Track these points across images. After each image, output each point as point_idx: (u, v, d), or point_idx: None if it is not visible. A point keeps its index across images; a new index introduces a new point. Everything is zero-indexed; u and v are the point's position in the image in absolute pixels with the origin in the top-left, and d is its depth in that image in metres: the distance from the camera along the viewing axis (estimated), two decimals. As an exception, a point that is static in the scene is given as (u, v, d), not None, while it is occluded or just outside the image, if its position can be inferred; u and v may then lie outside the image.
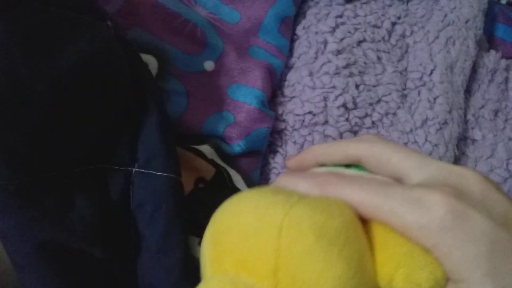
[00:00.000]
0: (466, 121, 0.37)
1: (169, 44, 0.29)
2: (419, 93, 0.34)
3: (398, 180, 0.20)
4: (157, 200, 0.24)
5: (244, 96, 0.30)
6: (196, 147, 0.27)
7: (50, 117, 0.20)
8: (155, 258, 0.24)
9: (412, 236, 0.17)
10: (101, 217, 0.23)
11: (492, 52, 0.41)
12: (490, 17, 0.44)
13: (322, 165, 0.23)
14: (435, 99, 0.34)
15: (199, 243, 0.26)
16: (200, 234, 0.26)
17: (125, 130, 0.23)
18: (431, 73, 0.35)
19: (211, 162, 0.28)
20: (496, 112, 0.39)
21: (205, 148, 0.28)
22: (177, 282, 0.24)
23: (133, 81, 0.23)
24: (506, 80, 0.41)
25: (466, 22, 0.39)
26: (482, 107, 0.38)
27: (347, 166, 0.22)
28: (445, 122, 0.33)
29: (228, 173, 0.28)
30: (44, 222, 0.20)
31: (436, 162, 0.20)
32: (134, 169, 0.24)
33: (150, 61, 0.28)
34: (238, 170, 0.28)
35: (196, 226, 0.26)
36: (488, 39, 0.44)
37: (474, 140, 0.36)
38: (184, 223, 0.24)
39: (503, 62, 0.41)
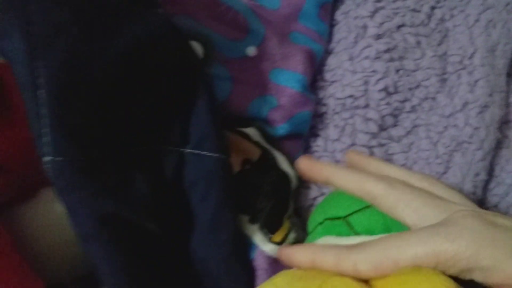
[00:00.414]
0: (508, 104, 0.36)
1: (212, 31, 0.30)
2: (459, 76, 0.34)
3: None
4: (209, 179, 0.25)
5: (286, 80, 0.31)
6: (242, 129, 0.28)
7: (108, 95, 0.22)
8: (207, 235, 0.25)
9: (449, 257, 0.18)
10: (156, 194, 0.24)
11: (534, 35, 0.41)
12: (531, 0, 0.44)
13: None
14: (475, 82, 0.33)
15: (248, 221, 0.27)
16: (248, 212, 0.27)
17: (177, 112, 0.25)
18: (472, 56, 0.35)
19: (257, 144, 0.28)
20: (538, 96, 0.38)
21: (251, 131, 0.29)
22: (227, 257, 0.26)
23: (185, 65, 0.24)
24: (549, 63, 0.40)
25: (507, 5, 0.38)
26: (524, 91, 0.38)
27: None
28: (486, 105, 0.32)
29: (272, 154, 0.29)
30: (106, 196, 0.22)
31: (453, 206, 0.21)
32: (187, 150, 0.25)
33: (196, 47, 0.29)
34: (283, 152, 0.29)
35: (245, 205, 0.27)
36: (529, 23, 0.43)
37: (516, 124, 0.36)
38: (234, 202, 0.26)
39: (545, 46, 0.41)
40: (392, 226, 0.24)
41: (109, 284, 0.22)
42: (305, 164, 0.26)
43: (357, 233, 0.24)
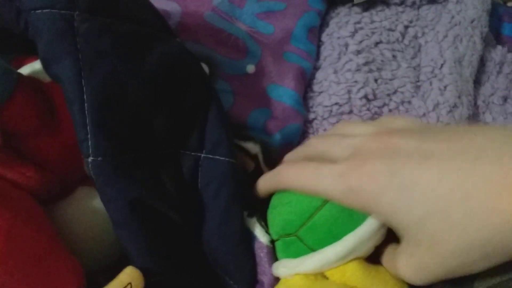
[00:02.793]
0: (477, 107, 0.41)
1: (217, 53, 0.36)
2: (431, 83, 0.39)
3: None
4: (221, 180, 0.29)
5: (281, 96, 0.36)
6: (241, 144, 0.33)
7: (139, 108, 0.26)
8: (218, 227, 0.29)
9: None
10: (178, 190, 0.28)
11: (499, 47, 0.46)
12: (496, 18, 0.49)
13: None
14: (445, 87, 0.39)
15: (247, 215, 0.31)
16: (246, 209, 0.31)
17: (194, 122, 0.29)
18: (441, 66, 0.40)
19: (255, 157, 0.33)
20: (505, 99, 0.43)
21: (249, 145, 0.33)
22: (236, 246, 0.29)
23: (200, 80, 0.29)
24: (514, 71, 0.45)
25: (472, 21, 0.44)
26: (492, 94, 0.43)
27: None
28: (455, 105, 0.37)
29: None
30: (135, 189, 0.26)
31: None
32: (202, 155, 0.29)
33: (203, 67, 0.35)
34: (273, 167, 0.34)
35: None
36: (495, 37, 0.49)
37: (485, 123, 0.41)
38: (241, 200, 0.29)
39: (510, 56, 0.46)
40: (337, 232, 0.25)
41: (135, 263, 0.26)
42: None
43: (309, 247, 0.26)
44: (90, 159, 0.25)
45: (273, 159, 0.35)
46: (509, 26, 0.50)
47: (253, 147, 0.34)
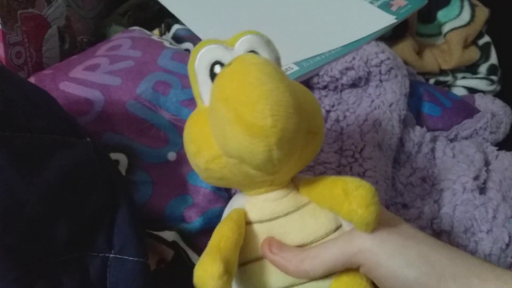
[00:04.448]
0: (395, 189, 0.43)
1: (137, 143, 0.36)
2: (351, 168, 0.41)
3: None
4: (130, 281, 0.29)
5: (201, 181, 0.36)
6: (157, 233, 0.33)
7: (41, 219, 0.26)
8: None
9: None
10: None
11: (418, 127, 0.49)
12: (416, 97, 0.53)
13: None
14: (364, 173, 0.40)
15: None
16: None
17: (102, 222, 0.29)
18: (361, 150, 0.42)
19: (171, 244, 0.33)
20: (423, 179, 0.45)
21: (165, 234, 0.33)
22: None
23: (108, 183, 0.29)
24: (433, 150, 0.48)
25: (390, 105, 0.46)
26: (411, 175, 0.45)
27: None
28: (373, 193, 0.39)
29: (186, 253, 0.33)
30: None
31: None
32: (110, 255, 0.29)
33: (121, 158, 0.35)
34: (197, 249, 0.34)
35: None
36: (416, 116, 0.52)
37: (404, 205, 0.43)
38: None
39: (429, 135, 0.49)
40: None
41: None
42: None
43: None
44: (-15, 273, 0.24)
45: (195, 242, 0.34)
46: (429, 105, 0.53)
47: (169, 235, 0.33)
